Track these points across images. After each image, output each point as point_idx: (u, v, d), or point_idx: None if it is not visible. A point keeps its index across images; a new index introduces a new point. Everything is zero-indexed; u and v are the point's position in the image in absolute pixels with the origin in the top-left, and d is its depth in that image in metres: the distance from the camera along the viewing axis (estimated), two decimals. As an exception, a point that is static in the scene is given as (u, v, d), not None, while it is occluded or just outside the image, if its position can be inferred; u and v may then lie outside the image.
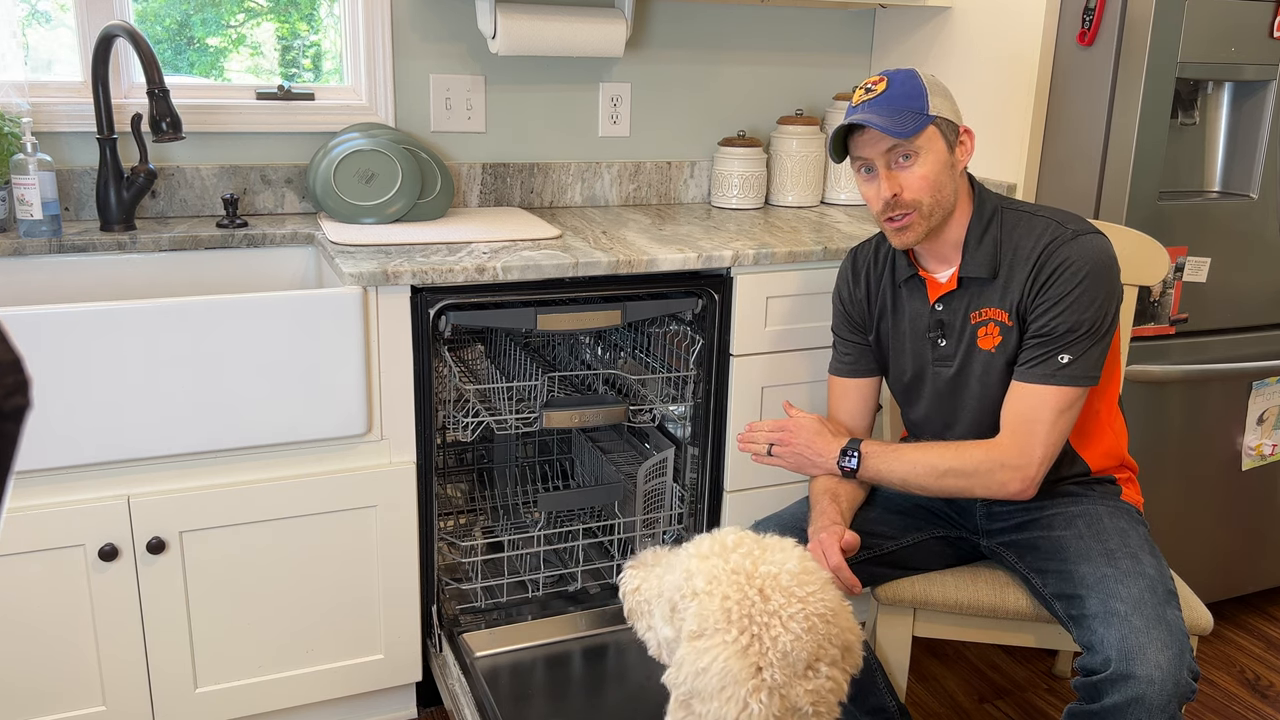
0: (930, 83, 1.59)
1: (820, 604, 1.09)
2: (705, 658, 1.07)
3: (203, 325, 1.64)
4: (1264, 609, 2.58)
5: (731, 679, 1.05)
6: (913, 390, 1.76)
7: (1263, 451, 2.36)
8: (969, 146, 1.62)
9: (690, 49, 2.54)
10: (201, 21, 2.23)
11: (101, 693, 1.74)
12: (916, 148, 1.57)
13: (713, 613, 1.09)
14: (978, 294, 1.64)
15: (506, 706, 1.81)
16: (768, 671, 1.05)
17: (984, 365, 1.64)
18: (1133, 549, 1.55)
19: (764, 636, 1.06)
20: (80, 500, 1.66)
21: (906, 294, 1.72)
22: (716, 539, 1.17)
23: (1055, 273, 1.55)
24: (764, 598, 1.08)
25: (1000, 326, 1.62)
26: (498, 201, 2.44)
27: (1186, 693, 1.39)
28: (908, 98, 1.57)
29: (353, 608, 1.88)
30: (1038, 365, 1.57)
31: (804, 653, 1.06)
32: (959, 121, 1.61)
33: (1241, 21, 2.07)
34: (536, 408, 2.00)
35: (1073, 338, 1.55)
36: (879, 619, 1.73)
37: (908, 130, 1.56)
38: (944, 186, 1.60)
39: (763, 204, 2.56)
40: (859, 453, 1.67)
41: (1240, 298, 2.25)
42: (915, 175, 1.58)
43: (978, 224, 1.63)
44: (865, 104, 1.59)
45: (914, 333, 1.71)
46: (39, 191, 1.91)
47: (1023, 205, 1.66)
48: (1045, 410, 1.56)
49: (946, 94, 1.61)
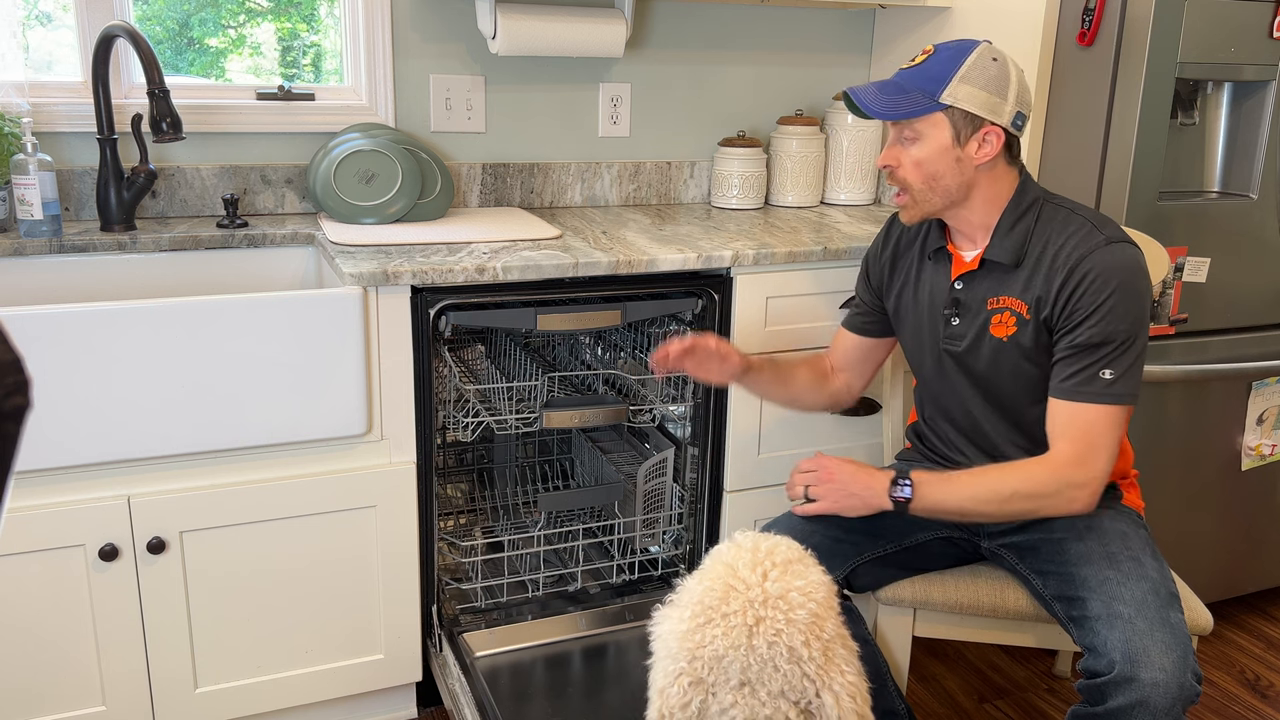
0: (975, 67, 1.53)
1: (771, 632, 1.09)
2: (662, 625, 1.12)
3: (203, 325, 1.64)
4: (1264, 609, 2.58)
5: (669, 653, 1.10)
6: (921, 364, 1.75)
7: (1262, 451, 2.36)
8: (990, 148, 1.55)
9: (690, 49, 2.54)
10: (202, 22, 2.23)
11: (101, 693, 1.74)
12: (917, 130, 1.56)
13: (691, 589, 1.13)
14: (999, 280, 1.62)
15: (506, 706, 1.81)
16: (699, 664, 1.07)
17: (994, 351, 1.63)
18: (1134, 551, 1.55)
19: (706, 631, 1.09)
20: (80, 500, 1.66)
21: (932, 266, 1.71)
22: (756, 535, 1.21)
23: (1085, 279, 1.52)
24: (725, 599, 1.10)
25: (1016, 317, 1.60)
26: (498, 201, 2.44)
27: (1191, 695, 1.39)
28: (930, 78, 1.54)
29: (353, 608, 1.88)
30: (1084, 384, 1.53)
31: (736, 666, 1.07)
32: (992, 117, 1.54)
33: (1241, 21, 2.07)
34: (536, 408, 2.00)
35: (1108, 350, 1.51)
36: (879, 619, 1.73)
37: (897, 112, 1.55)
38: (941, 176, 1.57)
39: (763, 204, 2.56)
40: (911, 481, 1.57)
41: (1240, 298, 2.25)
42: (910, 156, 1.58)
43: (1013, 211, 1.60)
44: (891, 78, 1.60)
45: (931, 306, 1.70)
46: (39, 191, 1.91)
47: (1065, 202, 1.62)
48: (1102, 426, 1.52)
49: (993, 84, 1.53)
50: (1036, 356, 1.60)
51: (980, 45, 1.56)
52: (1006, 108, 1.55)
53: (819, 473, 1.65)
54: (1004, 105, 1.54)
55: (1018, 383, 1.63)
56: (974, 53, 1.54)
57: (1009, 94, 1.55)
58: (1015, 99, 1.55)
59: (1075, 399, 1.54)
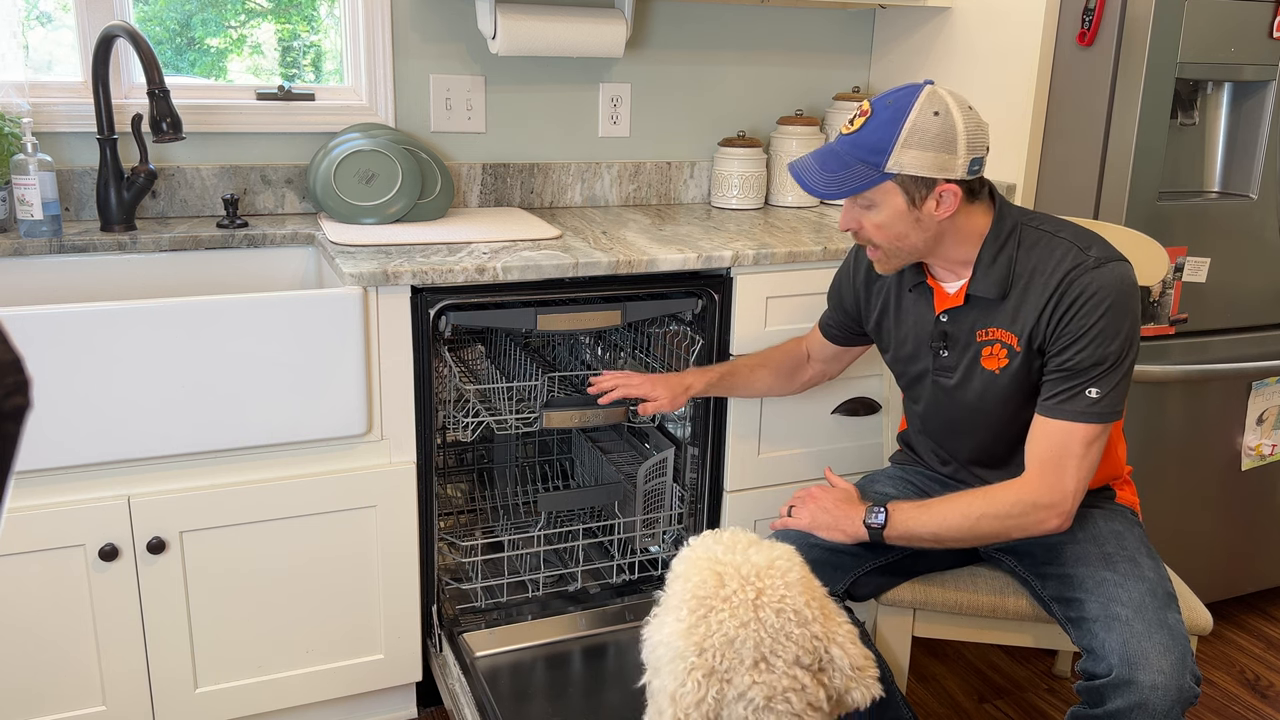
0: (916, 129, 1.45)
1: (777, 599, 1.11)
2: (660, 632, 1.12)
3: (203, 325, 1.64)
4: (1264, 609, 2.58)
5: (675, 654, 1.09)
6: (914, 389, 1.74)
7: (1262, 451, 2.36)
8: (948, 204, 1.49)
9: (690, 49, 2.54)
10: (203, 22, 2.23)
11: (101, 693, 1.75)
12: (869, 199, 1.51)
13: (676, 593, 1.14)
14: (985, 312, 1.58)
15: (506, 706, 1.82)
16: (710, 654, 1.08)
17: (985, 383, 1.60)
18: (1130, 552, 1.55)
19: (710, 620, 1.09)
20: (80, 500, 1.66)
21: (913, 298, 1.67)
22: (714, 532, 1.22)
23: (1076, 303, 1.48)
24: (720, 584, 1.12)
25: (1008, 349, 1.56)
26: (498, 202, 2.44)
27: (1190, 697, 1.39)
28: (869, 149, 1.48)
29: (353, 607, 1.88)
30: (1067, 401, 1.50)
31: (750, 642, 1.08)
32: (940, 175, 1.47)
33: (1241, 21, 2.07)
34: (536, 408, 2.00)
35: (1098, 371, 1.48)
36: (879, 619, 1.73)
37: (842, 190, 1.50)
38: (905, 235, 1.52)
39: (762, 204, 2.56)
40: (886, 509, 1.58)
41: (1240, 298, 2.25)
42: (870, 220, 1.53)
43: (993, 242, 1.55)
44: (823, 149, 1.55)
45: (917, 337, 1.68)
46: (39, 191, 1.91)
47: (1045, 223, 1.57)
48: (1075, 445, 1.49)
49: (938, 142, 1.45)
50: (1029, 389, 1.57)
51: (919, 98, 1.46)
52: (958, 161, 1.47)
53: (804, 496, 1.69)
54: (954, 159, 1.47)
55: (1007, 410, 1.61)
56: (913, 111, 1.45)
57: (958, 147, 1.46)
58: (966, 148, 1.47)
59: (1055, 416, 1.51)
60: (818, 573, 1.22)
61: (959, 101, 1.48)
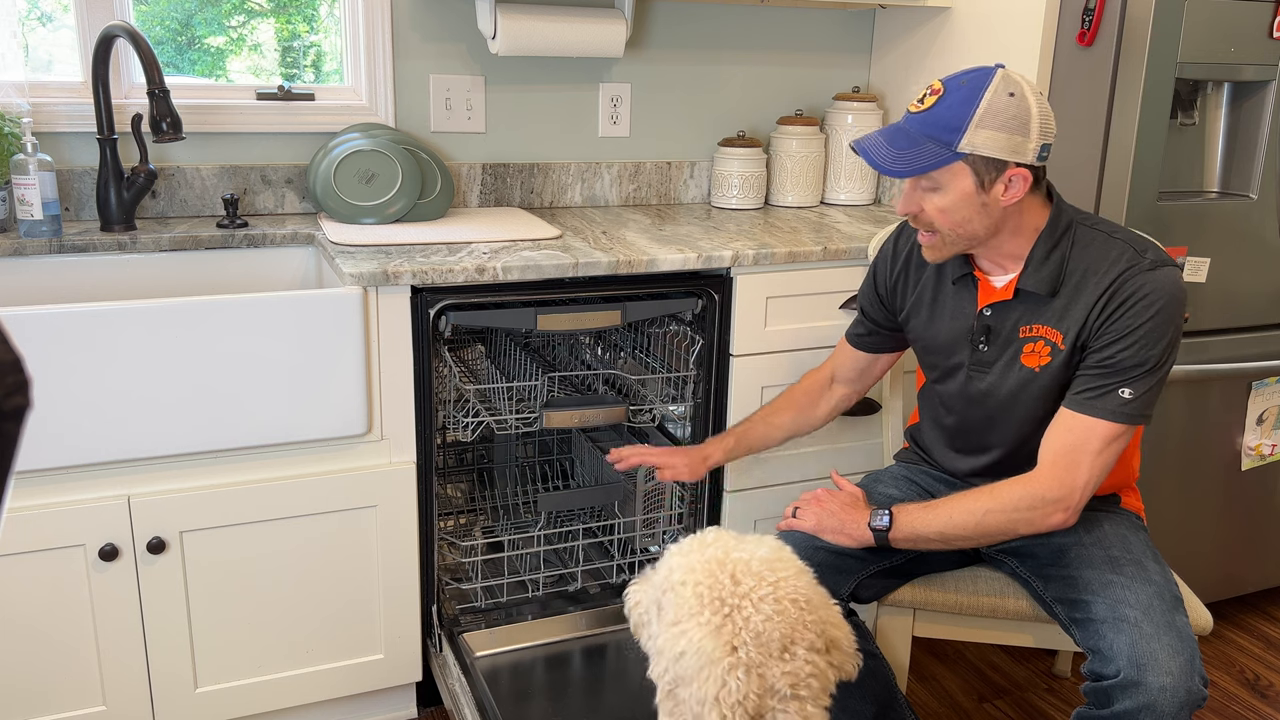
0: (991, 109, 1.42)
1: (791, 588, 1.12)
2: (682, 641, 1.11)
3: (203, 325, 1.64)
4: (1264, 609, 2.58)
5: (708, 658, 1.08)
6: (945, 382, 1.69)
7: (1262, 451, 2.36)
8: (1017, 189, 1.46)
9: (690, 49, 2.54)
10: (204, 21, 2.23)
11: (101, 693, 1.75)
12: (935, 180, 1.47)
13: (687, 600, 1.13)
14: (1032, 308, 1.55)
15: (506, 706, 1.82)
16: (743, 650, 1.08)
17: (1022, 381, 1.57)
18: (1136, 555, 1.55)
19: (736, 617, 1.09)
20: (80, 500, 1.66)
21: (954, 290, 1.63)
22: (695, 537, 1.22)
23: (1127, 302, 1.46)
24: (735, 581, 1.12)
25: (1051, 347, 1.53)
26: (498, 201, 2.44)
27: (1198, 699, 1.38)
28: (943, 126, 1.44)
29: (353, 608, 1.88)
30: (1099, 398, 1.47)
31: (777, 633, 1.09)
32: (1011, 158, 1.44)
33: (1241, 21, 2.07)
34: (536, 408, 2.00)
35: (1138, 372, 1.46)
36: (879, 620, 1.73)
37: (912, 168, 1.46)
38: (968, 221, 1.49)
39: (763, 204, 2.56)
40: (890, 512, 1.57)
41: (1240, 298, 2.25)
42: (933, 204, 1.49)
43: (1048, 239, 1.52)
44: (890, 127, 1.51)
45: (954, 331, 1.64)
46: (39, 191, 1.91)
47: (1100, 224, 1.55)
48: (1094, 441, 1.47)
49: (1013, 123, 1.43)
50: (1065, 390, 1.55)
51: (994, 79, 1.44)
52: (1030, 145, 1.45)
53: (810, 498, 1.68)
54: (1027, 143, 1.44)
55: (1039, 411, 1.58)
56: (989, 90, 1.43)
57: (1031, 129, 1.44)
58: (1039, 132, 1.45)
59: (1083, 410, 1.48)
60: (822, 576, 1.22)
61: (1031, 86, 1.47)
